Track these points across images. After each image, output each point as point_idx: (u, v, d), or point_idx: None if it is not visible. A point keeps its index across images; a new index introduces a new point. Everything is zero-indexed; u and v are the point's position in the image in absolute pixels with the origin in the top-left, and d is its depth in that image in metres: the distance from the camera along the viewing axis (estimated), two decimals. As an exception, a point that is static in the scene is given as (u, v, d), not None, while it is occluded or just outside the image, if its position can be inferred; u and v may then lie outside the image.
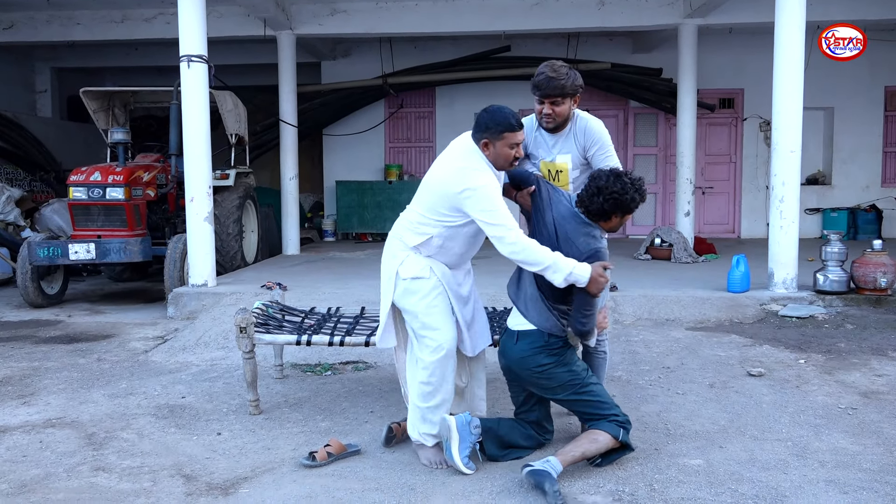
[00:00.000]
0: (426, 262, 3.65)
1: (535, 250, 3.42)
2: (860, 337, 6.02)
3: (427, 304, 3.62)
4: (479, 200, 3.43)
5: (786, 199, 7.00)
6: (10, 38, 11.61)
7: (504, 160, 3.56)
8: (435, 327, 3.61)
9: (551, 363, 3.55)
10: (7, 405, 4.72)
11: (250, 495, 3.35)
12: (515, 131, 3.52)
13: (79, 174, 8.05)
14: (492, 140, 3.51)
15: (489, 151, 3.54)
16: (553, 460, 3.33)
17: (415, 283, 3.63)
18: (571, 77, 3.75)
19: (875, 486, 3.34)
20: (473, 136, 3.59)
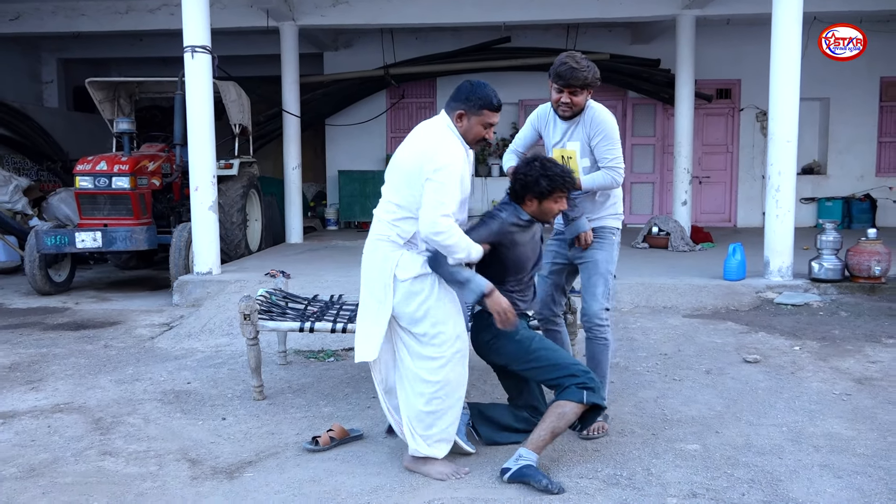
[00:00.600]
0: (421, 258, 3.41)
1: (461, 242, 3.28)
2: (854, 324, 6.09)
3: (435, 300, 3.39)
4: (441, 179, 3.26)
5: (782, 189, 7.06)
6: (17, 29, 11.65)
7: (474, 136, 3.45)
8: (446, 321, 3.41)
9: (492, 337, 3.54)
10: (16, 391, 4.80)
11: (255, 479, 3.41)
12: (494, 111, 3.43)
13: (85, 164, 8.12)
14: (468, 112, 3.40)
15: (462, 124, 3.42)
16: (525, 451, 3.32)
17: (417, 283, 3.38)
18: (592, 69, 3.82)
19: (868, 471, 3.40)
20: (449, 105, 3.46)
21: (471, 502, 3.13)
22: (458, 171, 3.31)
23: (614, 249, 4.01)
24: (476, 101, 3.39)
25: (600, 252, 3.96)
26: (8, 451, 3.79)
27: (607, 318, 3.97)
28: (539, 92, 13.39)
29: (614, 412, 4.21)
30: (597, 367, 3.99)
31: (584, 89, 3.83)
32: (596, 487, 3.27)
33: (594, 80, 3.82)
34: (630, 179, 13.56)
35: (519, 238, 3.52)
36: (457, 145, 3.38)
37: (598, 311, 3.93)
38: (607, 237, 3.98)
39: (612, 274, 3.99)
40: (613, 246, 4.00)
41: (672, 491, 3.23)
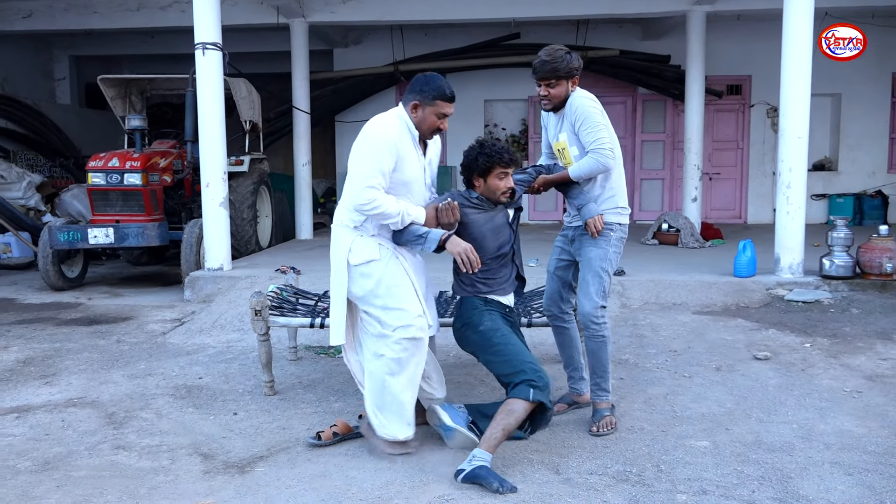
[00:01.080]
0: (374, 242, 3.53)
1: (390, 208, 3.44)
2: (865, 321, 6.07)
3: (387, 286, 3.50)
4: (363, 149, 3.44)
5: (792, 185, 7.03)
6: (29, 26, 11.73)
7: (428, 127, 3.57)
8: (398, 307, 3.49)
9: (460, 326, 3.67)
10: (30, 385, 4.85)
11: (266, 474, 3.44)
12: (447, 101, 3.54)
13: (97, 160, 8.17)
14: (422, 103, 3.52)
15: (416, 114, 3.54)
16: (478, 452, 3.30)
17: (368, 267, 3.51)
18: (566, 60, 3.83)
19: (879, 468, 3.39)
20: (405, 97, 3.59)
21: (480, 497, 3.14)
22: (382, 142, 3.42)
23: (610, 246, 3.92)
24: (429, 92, 3.52)
25: (594, 249, 3.91)
26: (23, 445, 3.84)
27: (602, 315, 3.90)
28: (549, 88, 13.37)
29: (624, 409, 4.22)
30: (596, 363, 3.95)
31: (561, 80, 3.86)
32: (605, 484, 3.28)
33: (568, 70, 3.84)
34: (640, 176, 13.54)
35: (473, 218, 3.64)
36: (393, 125, 3.51)
37: (590, 311, 3.87)
38: (604, 233, 3.89)
39: (607, 271, 3.91)
40: (610, 242, 3.91)
41: (682, 488, 3.23)
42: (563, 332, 4.22)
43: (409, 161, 3.54)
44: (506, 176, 3.62)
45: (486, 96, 13.68)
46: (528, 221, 13.60)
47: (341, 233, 3.61)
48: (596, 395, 3.98)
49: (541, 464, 3.49)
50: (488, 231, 3.64)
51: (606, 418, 3.88)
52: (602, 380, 3.96)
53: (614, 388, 4.54)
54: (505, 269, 3.74)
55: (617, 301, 6.71)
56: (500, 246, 3.68)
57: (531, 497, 3.15)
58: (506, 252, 3.72)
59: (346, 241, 3.57)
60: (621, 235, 3.98)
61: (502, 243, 3.69)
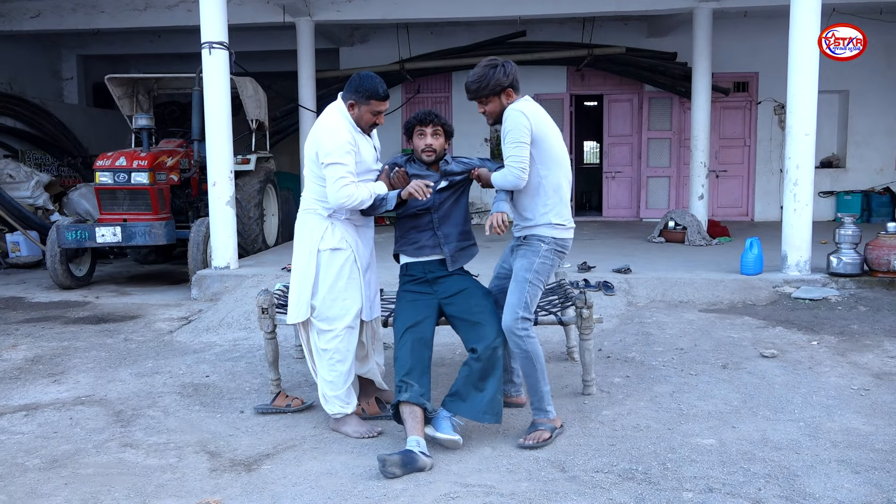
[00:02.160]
0: (341, 234, 3.88)
1: (363, 195, 3.79)
2: (873, 319, 6.05)
3: (345, 276, 3.87)
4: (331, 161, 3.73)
5: (800, 182, 7.02)
6: (37, 26, 11.80)
7: (365, 123, 3.88)
8: (346, 297, 3.88)
9: (390, 314, 4.10)
10: (38, 383, 4.87)
11: (272, 471, 3.45)
12: (380, 100, 3.84)
13: (105, 159, 8.19)
14: (358, 103, 3.82)
15: (353, 112, 3.84)
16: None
17: (334, 255, 3.87)
18: (490, 77, 3.79)
19: (887, 466, 3.38)
20: (343, 95, 3.87)
21: (486, 495, 3.15)
22: (343, 145, 3.75)
23: (538, 257, 3.79)
24: (364, 93, 3.81)
25: (520, 260, 3.83)
26: (31, 443, 3.86)
27: (525, 328, 3.75)
28: (555, 86, 13.38)
29: (629, 407, 4.22)
30: (526, 381, 3.83)
31: (491, 97, 3.86)
32: (612, 482, 3.28)
33: (495, 85, 3.80)
34: (646, 173, 13.53)
35: (410, 175, 4.02)
36: (341, 128, 3.81)
37: (510, 322, 3.74)
38: (533, 244, 3.80)
39: (532, 282, 3.77)
40: (538, 253, 3.79)
41: (688, 486, 3.23)
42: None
43: (363, 149, 3.88)
44: (423, 135, 3.99)
45: (492, 94, 13.68)
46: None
47: (312, 220, 3.93)
48: (534, 413, 3.84)
49: (546, 461, 3.50)
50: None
51: (539, 432, 3.73)
52: (535, 399, 3.81)
53: (620, 387, 4.57)
54: (420, 234, 4.03)
55: (623, 299, 6.71)
56: (415, 205, 3.95)
57: (537, 495, 3.15)
58: (419, 213, 4.00)
59: (318, 228, 3.90)
60: (556, 249, 3.83)
61: (417, 203, 3.93)
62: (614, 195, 13.92)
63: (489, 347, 3.71)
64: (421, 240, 4.04)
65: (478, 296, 3.96)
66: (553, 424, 3.80)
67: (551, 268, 3.86)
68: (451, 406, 3.70)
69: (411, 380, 3.63)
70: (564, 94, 13.47)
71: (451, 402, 3.72)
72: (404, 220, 4.07)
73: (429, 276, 4.04)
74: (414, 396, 3.59)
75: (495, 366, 3.73)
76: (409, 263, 4.09)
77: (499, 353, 3.75)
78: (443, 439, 3.61)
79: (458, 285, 4.01)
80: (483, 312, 3.86)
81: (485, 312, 3.86)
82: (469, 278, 4.11)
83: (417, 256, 4.05)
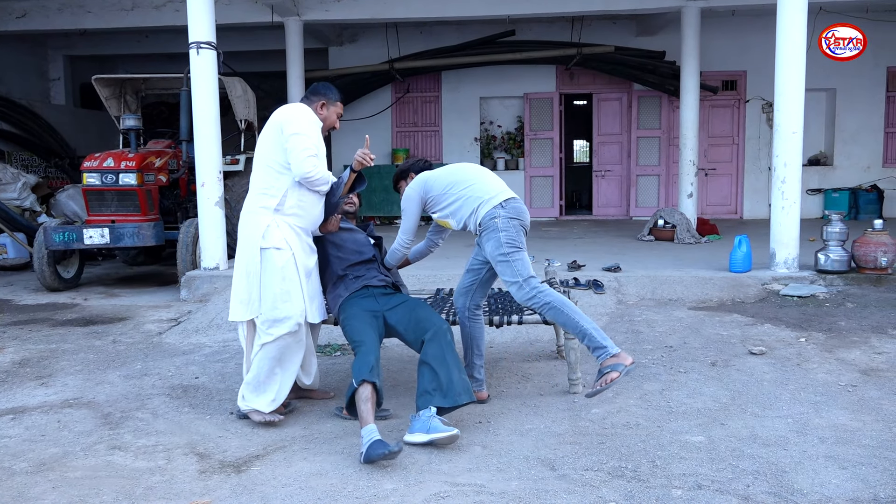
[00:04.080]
0: (283, 234, 3.93)
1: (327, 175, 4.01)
2: (860, 315, 6.09)
3: (283, 277, 3.91)
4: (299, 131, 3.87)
5: (787, 180, 7.05)
6: (23, 26, 11.74)
7: (330, 124, 4.15)
8: (285, 300, 3.90)
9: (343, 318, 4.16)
10: (26, 386, 4.84)
11: (262, 472, 3.43)
12: (342, 104, 4.25)
13: (92, 160, 8.15)
14: (328, 103, 4.11)
15: (323, 112, 4.09)
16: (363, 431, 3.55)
17: (276, 254, 3.91)
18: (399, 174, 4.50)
19: (874, 462, 3.40)
20: (309, 98, 4.11)
21: (476, 494, 3.15)
22: (313, 124, 3.95)
23: (499, 231, 3.96)
24: (333, 96, 4.14)
25: (487, 244, 4.01)
26: (18, 446, 3.83)
27: (531, 286, 3.90)
28: (544, 85, 13.40)
29: (619, 405, 4.23)
30: (567, 328, 3.96)
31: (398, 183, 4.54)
32: (601, 479, 3.28)
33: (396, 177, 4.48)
34: (636, 172, 13.57)
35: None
36: (309, 112, 4.00)
37: (515, 293, 3.93)
38: (489, 225, 3.99)
39: (509, 253, 3.92)
40: (497, 229, 3.96)
41: (677, 483, 3.24)
42: (464, 327, 4.36)
43: (322, 145, 4.04)
44: (338, 119, 4.28)
45: (481, 93, 13.70)
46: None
47: (259, 213, 3.97)
48: (596, 355, 3.84)
49: (536, 460, 3.50)
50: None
51: (605, 376, 3.73)
52: (588, 341, 3.83)
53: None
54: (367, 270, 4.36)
55: (613, 297, 6.72)
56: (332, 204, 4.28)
57: (527, 493, 3.15)
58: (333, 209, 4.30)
59: (261, 223, 3.94)
60: (507, 217, 4.00)
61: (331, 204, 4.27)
62: (604, 194, 13.96)
63: (437, 329, 3.86)
64: (365, 274, 4.29)
65: (417, 304, 4.15)
66: (621, 362, 3.74)
67: (517, 232, 3.99)
68: (428, 402, 3.72)
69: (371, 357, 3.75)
70: (554, 93, 13.50)
71: (425, 399, 3.73)
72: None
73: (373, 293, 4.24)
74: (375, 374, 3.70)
75: (450, 345, 3.84)
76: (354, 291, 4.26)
77: (448, 336, 3.88)
78: (442, 437, 3.59)
79: (399, 299, 4.21)
80: (423, 310, 4.06)
81: (425, 310, 4.07)
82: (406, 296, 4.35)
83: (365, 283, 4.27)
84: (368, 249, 4.40)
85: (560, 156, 13.81)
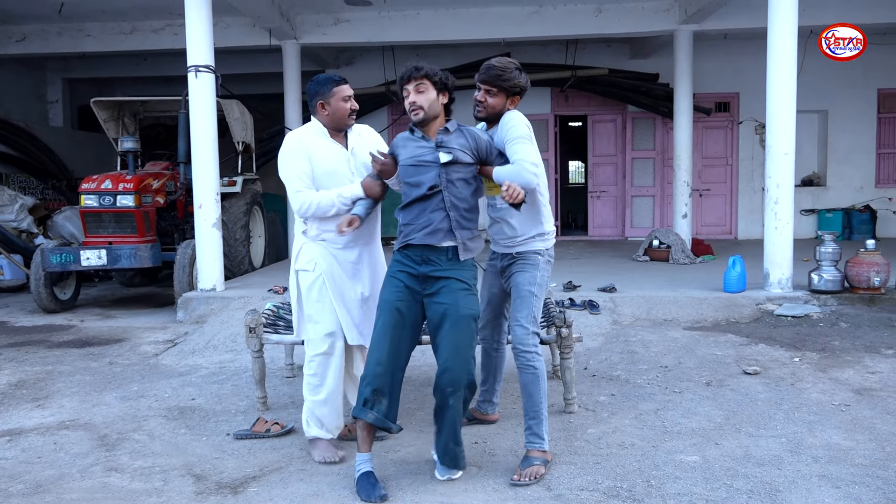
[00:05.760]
0: (312, 256, 3.85)
1: (322, 200, 3.72)
2: (854, 335, 6.12)
3: (309, 298, 3.87)
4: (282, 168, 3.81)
5: (780, 201, 7.11)
6: (23, 49, 11.81)
7: (342, 114, 3.81)
8: (315, 321, 3.86)
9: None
10: (22, 408, 4.84)
11: (258, 494, 3.44)
12: (341, 84, 3.82)
13: (90, 182, 8.19)
14: (326, 99, 3.78)
15: (327, 111, 3.80)
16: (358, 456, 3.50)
17: (302, 276, 3.89)
18: (514, 75, 3.71)
19: (867, 481, 3.42)
20: (311, 102, 3.85)
21: (473, 514, 3.17)
22: (288, 153, 3.79)
23: (538, 270, 3.75)
24: (325, 87, 3.80)
25: (521, 274, 3.76)
26: (15, 468, 3.83)
27: (534, 344, 3.68)
28: (539, 107, 13.49)
29: (615, 425, 4.25)
30: (528, 401, 3.67)
31: (502, 92, 3.73)
32: (596, 499, 3.29)
33: (512, 84, 3.71)
34: (630, 193, 13.64)
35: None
36: (294, 134, 3.86)
37: (520, 336, 3.67)
38: (531, 259, 3.77)
39: (537, 296, 3.74)
40: (537, 267, 3.76)
41: (672, 502, 3.25)
42: (489, 357, 4.19)
43: (321, 153, 3.80)
44: (408, 94, 3.54)
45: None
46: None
47: (296, 240, 3.99)
48: (528, 441, 3.67)
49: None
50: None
51: (534, 468, 3.53)
52: (535, 422, 3.66)
53: (605, 405, 4.59)
54: (433, 215, 3.49)
55: (608, 317, 6.75)
56: (413, 193, 3.55)
57: (522, 513, 3.17)
58: (428, 195, 3.50)
59: (295, 248, 3.95)
60: (549, 259, 3.84)
61: (420, 185, 3.52)
62: (599, 214, 14.02)
63: (457, 381, 3.40)
64: (434, 223, 3.49)
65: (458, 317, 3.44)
66: (545, 457, 3.64)
67: (548, 278, 3.89)
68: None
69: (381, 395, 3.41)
70: (549, 115, 13.59)
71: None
72: (410, 207, 3.55)
73: (423, 270, 3.53)
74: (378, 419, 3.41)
75: (459, 413, 3.48)
76: (411, 246, 3.54)
77: (464, 395, 3.46)
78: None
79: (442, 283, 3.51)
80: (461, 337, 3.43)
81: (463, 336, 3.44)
82: (465, 298, 3.51)
83: (426, 241, 3.49)
84: (430, 162, 3.51)
85: (555, 177, 13.89)
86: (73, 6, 10.52)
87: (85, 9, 10.71)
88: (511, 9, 10.86)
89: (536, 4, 10.81)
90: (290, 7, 10.64)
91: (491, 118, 3.80)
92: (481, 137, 3.64)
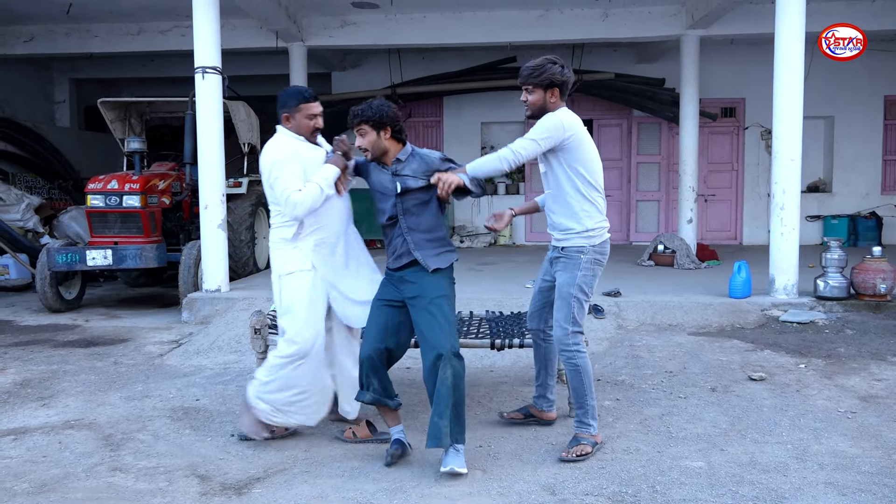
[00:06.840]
0: (307, 258, 3.91)
1: (314, 192, 3.79)
2: (860, 342, 6.11)
3: (297, 298, 3.90)
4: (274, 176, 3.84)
5: (786, 207, 7.10)
6: (30, 50, 11.85)
7: (306, 130, 3.98)
8: (294, 320, 3.90)
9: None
10: (27, 407, 4.85)
11: (263, 495, 3.44)
12: (309, 102, 3.97)
13: (96, 182, 8.21)
14: (291, 113, 3.96)
15: (291, 124, 3.97)
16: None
17: (287, 279, 3.92)
18: (546, 69, 3.79)
19: (873, 489, 3.41)
20: (280, 114, 3.99)
21: (477, 518, 3.16)
22: (281, 159, 3.86)
23: (580, 270, 3.80)
24: (292, 101, 3.96)
25: (562, 274, 3.85)
26: (20, 467, 3.84)
27: (575, 343, 3.82)
28: (545, 111, 13.47)
29: (619, 430, 4.24)
30: (572, 393, 3.94)
31: (537, 88, 3.83)
32: (601, 504, 3.29)
33: (543, 78, 3.79)
34: (636, 197, 13.63)
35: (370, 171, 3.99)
36: (280, 141, 3.96)
37: (560, 336, 3.83)
38: (573, 257, 3.82)
39: (577, 297, 3.80)
40: (580, 266, 3.80)
41: (677, 508, 3.25)
42: (539, 347, 4.27)
43: (310, 158, 3.93)
44: (360, 134, 3.86)
45: (482, 119, 13.79)
46: (525, 242, 13.65)
47: (281, 246, 3.98)
48: (576, 426, 3.94)
49: (537, 484, 3.51)
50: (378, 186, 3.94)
51: (580, 447, 3.80)
52: (581, 411, 3.90)
53: (609, 410, 4.58)
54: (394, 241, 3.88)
55: (613, 322, 6.74)
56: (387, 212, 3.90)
57: (527, 517, 3.17)
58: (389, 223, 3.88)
59: (280, 255, 3.97)
60: (593, 258, 3.84)
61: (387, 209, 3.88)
62: (604, 219, 13.99)
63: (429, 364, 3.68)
64: (397, 248, 3.88)
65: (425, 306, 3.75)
66: (595, 439, 3.87)
67: (594, 277, 3.88)
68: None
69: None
70: (553, 120, 13.56)
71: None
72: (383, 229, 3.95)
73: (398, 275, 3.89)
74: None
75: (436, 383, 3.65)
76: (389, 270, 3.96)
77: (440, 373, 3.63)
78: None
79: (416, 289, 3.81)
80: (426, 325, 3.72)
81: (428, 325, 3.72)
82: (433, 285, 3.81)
83: (395, 265, 3.89)
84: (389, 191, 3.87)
85: (560, 180, 13.86)
86: (81, 7, 10.55)
87: (92, 10, 10.74)
88: (517, 13, 10.86)
89: (543, 8, 10.82)
90: (297, 9, 10.67)
91: (536, 114, 3.90)
92: (431, 156, 3.92)
